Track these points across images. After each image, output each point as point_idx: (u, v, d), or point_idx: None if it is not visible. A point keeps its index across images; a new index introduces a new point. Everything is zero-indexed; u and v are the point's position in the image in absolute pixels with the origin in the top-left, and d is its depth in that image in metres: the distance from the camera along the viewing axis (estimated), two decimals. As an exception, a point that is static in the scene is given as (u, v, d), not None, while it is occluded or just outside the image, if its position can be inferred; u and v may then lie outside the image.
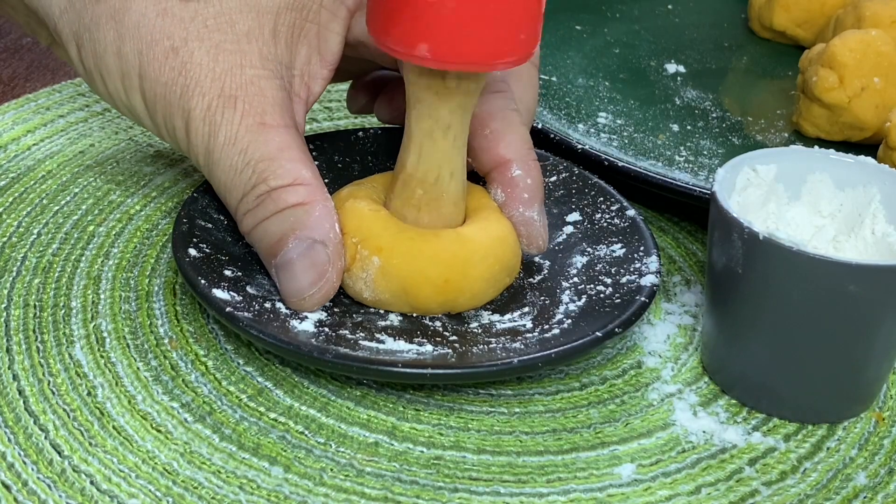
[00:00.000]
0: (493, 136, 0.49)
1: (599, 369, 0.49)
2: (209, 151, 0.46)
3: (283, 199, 0.45)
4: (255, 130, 0.46)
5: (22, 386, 0.44)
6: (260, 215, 0.46)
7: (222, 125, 0.46)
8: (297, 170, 0.46)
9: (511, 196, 0.49)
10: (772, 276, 0.43)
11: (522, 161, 0.49)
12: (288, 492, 0.41)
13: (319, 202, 0.46)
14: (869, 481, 0.44)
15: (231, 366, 0.46)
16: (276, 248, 0.46)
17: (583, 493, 0.42)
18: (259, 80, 0.46)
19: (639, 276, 0.48)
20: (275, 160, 0.45)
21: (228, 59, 0.46)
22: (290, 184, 0.45)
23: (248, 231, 0.47)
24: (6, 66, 0.68)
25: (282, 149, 0.46)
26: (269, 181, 0.45)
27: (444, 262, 0.46)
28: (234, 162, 0.46)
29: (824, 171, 0.48)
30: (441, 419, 0.45)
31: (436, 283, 0.46)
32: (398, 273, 0.46)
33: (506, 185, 0.49)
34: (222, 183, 0.47)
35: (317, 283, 0.45)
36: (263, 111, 0.46)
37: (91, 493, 0.40)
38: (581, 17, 0.75)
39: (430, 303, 0.46)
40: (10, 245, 0.52)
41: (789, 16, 0.74)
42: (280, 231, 0.45)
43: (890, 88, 0.61)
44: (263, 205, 0.45)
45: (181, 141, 0.47)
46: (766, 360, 0.46)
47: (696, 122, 0.65)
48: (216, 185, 0.47)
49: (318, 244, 0.45)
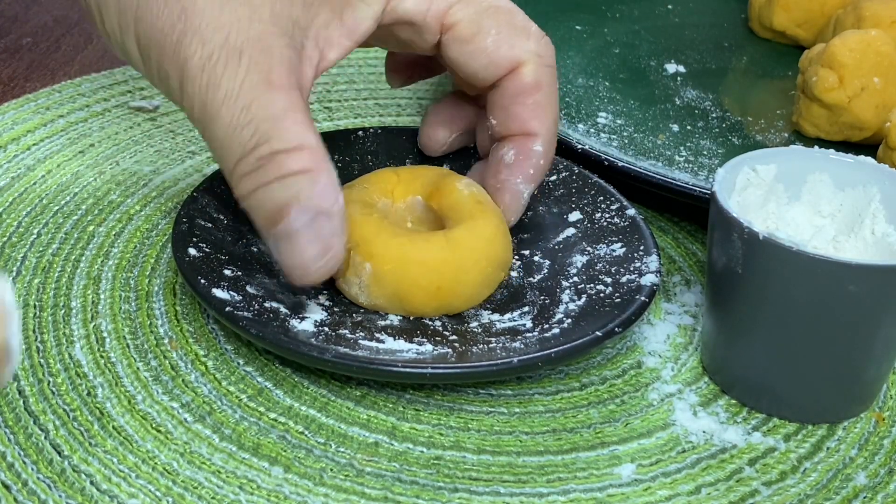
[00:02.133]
0: (534, 106, 0.49)
1: (599, 369, 0.49)
2: (205, 104, 0.43)
3: (285, 165, 0.42)
4: (260, 88, 0.43)
5: (22, 386, 0.44)
6: (259, 179, 0.43)
7: (224, 78, 0.43)
8: (303, 133, 0.43)
9: (520, 163, 0.49)
10: (772, 276, 0.43)
11: (548, 142, 0.49)
12: (288, 492, 0.41)
13: (324, 169, 0.43)
14: (869, 481, 0.44)
15: (231, 366, 0.46)
16: (277, 217, 0.43)
17: (583, 493, 0.42)
18: (267, 37, 0.43)
19: (639, 275, 0.48)
20: (279, 121, 0.42)
21: (236, 10, 0.43)
22: (294, 148, 0.42)
23: (244, 195, 0.44)
24: (6, 66, 0.68)
25: (287, 110, 0.43)
26: (271, 143, 0.42)
27: (435, 269, 0.46)
28: (234, 119, 0.43)
29: (824, 171, 0.48)
30: (441, 419, 0.45)
31: (428, 290, 0.46)
32: (391, 280, 0.46)
33: (521, 151, 0.49)
34: (218, 140, 0.43)
35: (323, 256, 0.43)
36: (270, 69, 0.43)
37: (91, 492, 0.40)
38: (581, 17, 0.75)
39: (424, 308, 0.47)
40: (10, 245, 0.52)
41: (789, 16, 0.74)
42: (282, 199, 0.42)
43: (890, 88, 0.61)
44: (264, 168, 0.42)
45: (174, 91, 0.44)
46: (766, 360, 0.46)
47: (696, 122, 0.65)
48: (211, 141, 0.44)
49: (322, 215, 0.43)
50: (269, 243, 0.44)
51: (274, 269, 0.48)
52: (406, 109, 0.68)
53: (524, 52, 0.48)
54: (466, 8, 0.48)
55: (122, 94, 0.65)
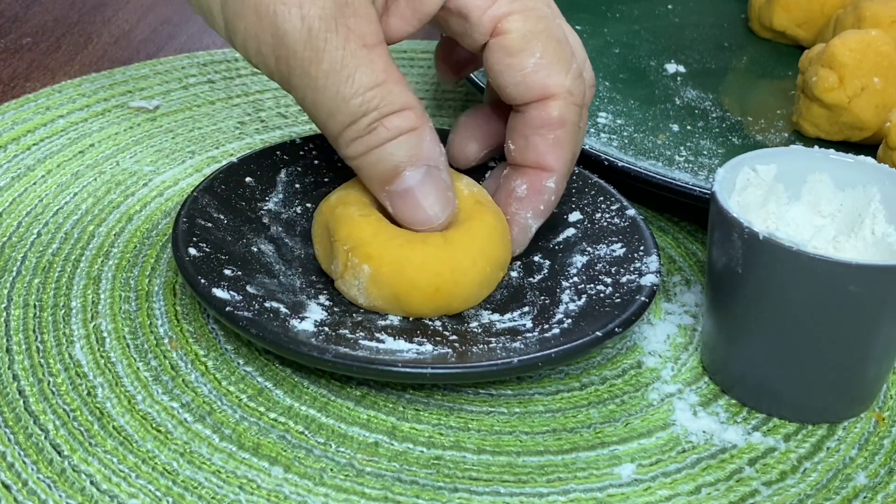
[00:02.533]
0: (555, 142, 0.49)
1: (599, 369, 0.49)
2: (310, 77, 0.44)
3: (395, 126, 0.45)
4: (360, 55, 0.44)
5: (22, 386, 0.44)
6: (370, 143, 0.45)
7: (326, 51, 0.44)
8: (405, 94, 0.45)
9: (531, 198, 0.49)
10: (772, 276, 0.43)
11: (561, 179, 0.50)
12: (288, 492, 0.41)
13: (427, 125, 0.46)
14: (869, 481, 0.44)
15: (231, 366, 0.46)
16: (391, 175, 0.46)
17: (583, 493, 0.42)
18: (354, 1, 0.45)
19: (639, 275, 0.48)
20: (383, 86, 0.45)
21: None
22: (401, 109, 0.45)
23: (354, 157, 0.46)
24: (6, 66, 0.68)
25: (386, 70, 0.45)
26: (381, 108, 0.45)
27: (433, 271, 0.46)
28: (341, 90, 0.44)
29: (824, 171, 0.48)
30: (441, 419, 0.45)
31: (426, 292, 0.46)
32: (388, 282, 0.46)
33: (533, 186, 0.49)
34: (325, 109, 0.45)
35: (446, 207, 0.46)
36: (364, 32, 0.44)
37: (91, 492, 0.40)
38: (581, 17, 0.75)
39: (423, 309, 0.46)
40: (10, 245, 0.52)
41: (789, 16, 0.74)
42: (394, 159, 0.45)
43: (890, 88, 0.61)
44: (376, 133, 0.45)
45: (266, 59, 0.45)
46: (766, 360, 0.46)
47: (696, 122, 0.65)
48: (313, 109, 0.46)
49: (433, 169, 0.46)
50: (383, 200, 0.47)
51: (274, 269, 0.49)
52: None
53: (558, 87, 0.48)
54: (523, 22, 0.48)
55: (122, 94, 0.65)
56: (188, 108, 0.65)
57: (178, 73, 0.68)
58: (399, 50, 0.75)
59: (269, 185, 0.53)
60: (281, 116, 0.65)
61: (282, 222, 0.52)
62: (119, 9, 0.76)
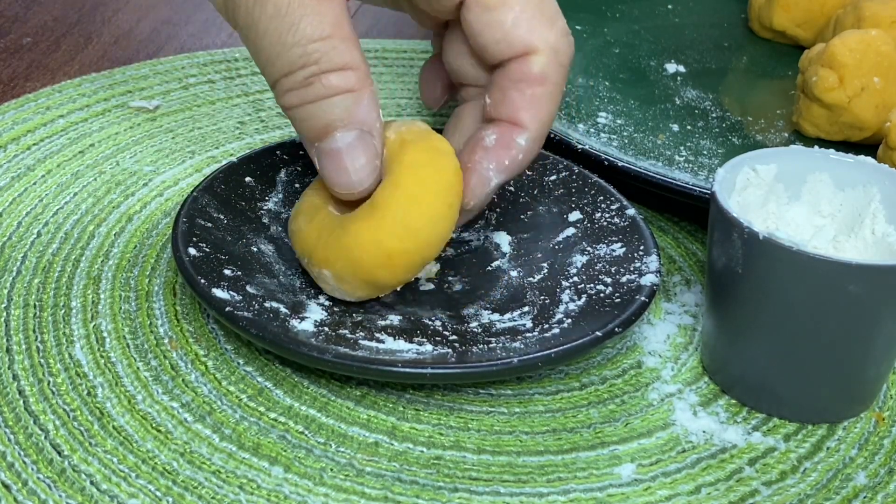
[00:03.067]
0: (531, 98, 0.47)
1: (599, 369, 0.49)
2: (253, 20, 0.43)
3: (333, 85, 0.43)
4: (308, 4, 0.43)
5: (22, 386, 0.44)
6: (305, 96, 0.44)
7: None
8: (350, 52, 0.44)
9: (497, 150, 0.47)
10: (772, 276, 0.43)
11: (534, 140, 0.48)
12: (288, 492, 0.41)
13: (367, 89, 0.44)
14: (869, 481, 0.44)
15: (231, 366, 0.46)
16: (321, 133, 0.44)
17: (583, 493, 0.42)
18: None
19: (639, 275, 0.48)
20: (327, 41, 0.43)
21: None
22: (341, 68, 0.43)
23: (288, 107, 0.45)
24: (6, 66, 0.68)
25: (335, 25, 0.43)
26: (320, 63, 0.43)
27: (373, 242, 0.44)
28: (282, 37, 0.43)
29: (824, 170, 0.48)
30: (441, 419, 0.45)
31: (383, 264, 0.45)
32: (349, 274, 0.45)
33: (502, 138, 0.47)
34: (265, 54, 0.44)
35: (371, 175, 0.45)
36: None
37: (91, 492, 0.40)
38: (581, 17, 0.75)
39: (395, 278, 0.46)
40: (10, 245, 0.52)
41: (789, 16, 0.74)
42: (328, 117, 0.44)
43: (890, 88, 0.61)
44: (312, 87, 0.44)
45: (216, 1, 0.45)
46: (766, 360, 0.46)
47: (696, 122, 0.65)
48: (256, 53, 0.45)
49: (366, 134, 0.44)
50: (311, 154, 0.46)
51: (274, 269, 0.49)
52: (406, 110, 0.68)
53: (541, 41, 0.46)
54: None
55: (122, 94, 0.65)
56: (188, 108, 0.65)
57: (178, 73, 0.68)
58: (399, 50, 0.75)
59: (269, 184, 0.53)
60: (281, 116, 0.65)
61: (282, 222, 0.52)
62: (119, 9, 0.76)
